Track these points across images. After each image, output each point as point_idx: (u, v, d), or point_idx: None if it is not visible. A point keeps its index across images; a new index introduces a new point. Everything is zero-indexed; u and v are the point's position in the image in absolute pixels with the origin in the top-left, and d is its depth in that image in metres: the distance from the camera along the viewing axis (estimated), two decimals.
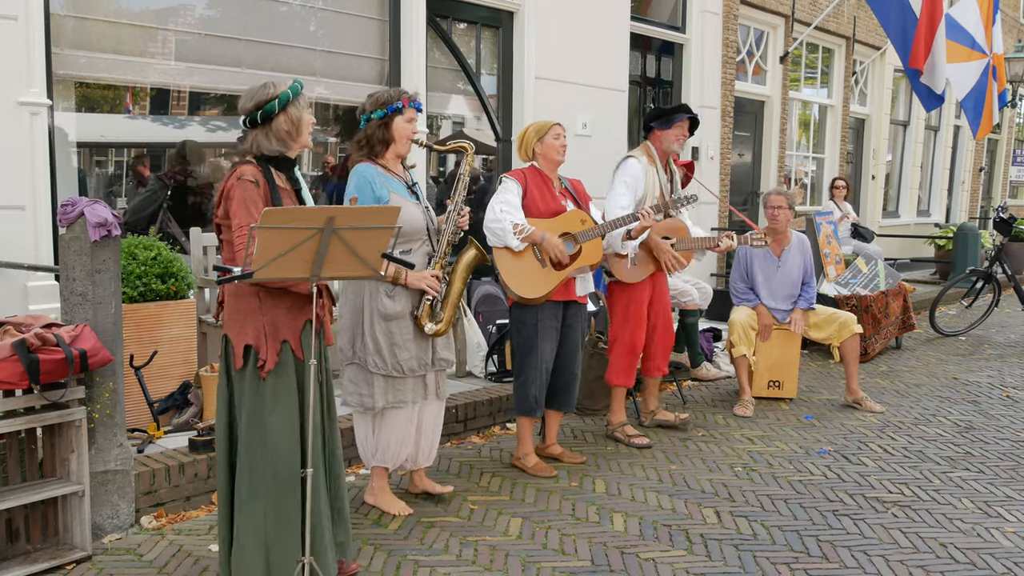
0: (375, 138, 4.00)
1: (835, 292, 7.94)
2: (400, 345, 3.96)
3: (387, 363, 3.95)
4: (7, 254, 4.67)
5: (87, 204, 3.70)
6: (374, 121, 3.99)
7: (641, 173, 5.25)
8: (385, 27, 6.76)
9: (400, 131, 4.00)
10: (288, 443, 3.16)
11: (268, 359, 3.14)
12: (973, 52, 10.83)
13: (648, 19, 9.30)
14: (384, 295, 3.94)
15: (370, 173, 3.95)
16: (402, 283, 3.93)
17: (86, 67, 5.30)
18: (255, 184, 3.14)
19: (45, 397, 3.49)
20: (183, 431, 4.60)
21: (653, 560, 3.78)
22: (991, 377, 7.52)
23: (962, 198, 17.49)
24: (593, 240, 4.73)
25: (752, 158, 11.49)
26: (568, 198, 4.83)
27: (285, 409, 3.16)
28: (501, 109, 7.68)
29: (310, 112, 3.30)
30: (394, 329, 3.95)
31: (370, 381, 4.00)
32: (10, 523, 3.58)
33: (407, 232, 3.92)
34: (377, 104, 3.99)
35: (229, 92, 6.06)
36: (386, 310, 3.93)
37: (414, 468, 4.33)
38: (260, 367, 3.14)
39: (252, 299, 3.17)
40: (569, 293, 4.74)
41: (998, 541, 4.05)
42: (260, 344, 3.15)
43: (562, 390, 4.88)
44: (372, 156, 4.03)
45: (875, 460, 5.17)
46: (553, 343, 4.72)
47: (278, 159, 3.25)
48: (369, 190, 3.91)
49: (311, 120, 3.30)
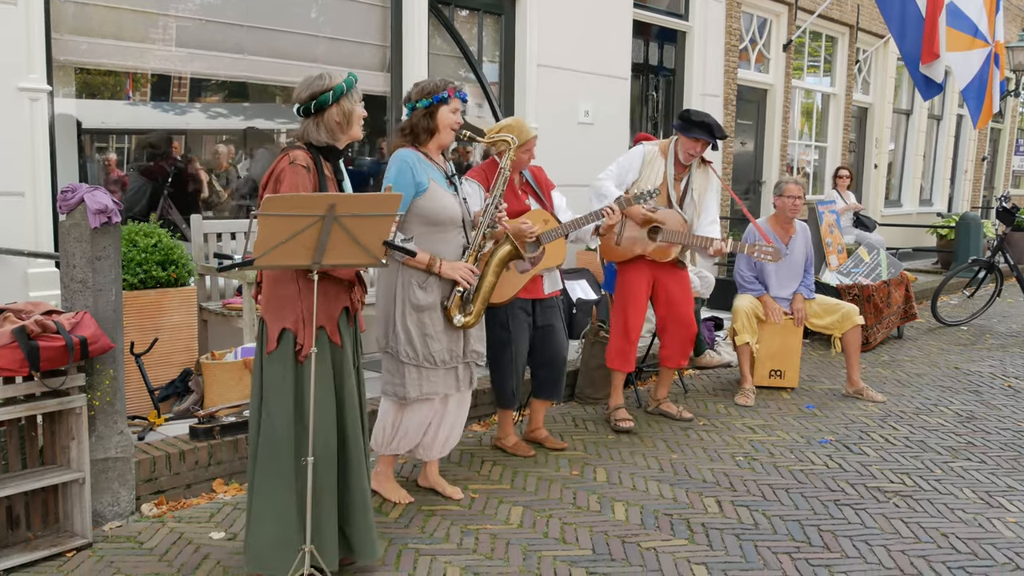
0: (420, 127, 3.98)
1: (837, 281, 7.93)
2: (432, 336, 3.96)
3: (418, 354, 3.95)
4: (7, 241, 4.66)
5: (87, 191, 3.68)
6: (419, 110, 3.97)
7: (639, 157, 5.29)
8: (387, 14, 6.73)
9: (444, 121, 3.98)
10: (326, 423, 3.25)
11: (306, 344, 3.18)
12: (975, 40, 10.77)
13: (651, 6, 9.25)
14: (416, 286, 3.93)
15: (412, 158, 3.95)
16: (436, 272, 3.93)
17: (86, 53, 5.28)
18: (307, 169, 3.17)
19: (45, 384, 3.48)
20: (184, 418, 4.59)
21: (654, 549, 3.78)
22: (993, 367, 7.51)
23: (965, 187, 17.45)
24: (556, 240, 4.69)
25: (755, 147, 11.46)
26: (530, 193, 4.78)
27: (324, 392, 3.24)
28: (503, 96, 7.65)
29: (362, 105, 3.34)
30: (426, 320, 3.95)
31: (401, 371, 3.99)
32: (10, 510, 3.58)
33: (442, 221, 3.96)
34: (423, 94, 3.97)
35: (230, 78, 6.04)
36: (418, 301, 3.93)
37: (427, 459, 4.32)
38: (297, 351, 3.20)
39: (292, 285, 3.22)
40: (537, 291, 4.73)
41: (999, 531, 4.05)
42: (299, 329, 3.19)
43: (548, 383, 4.94)
44: (416, 144, 4.02)
45: (876, 450, 5.16)
46: (525, 336, 4.73)
47: (327, 149, 3.28)
48: (410, 175, 3.90)
49: (363, 113, 3.34)
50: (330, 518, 3.29)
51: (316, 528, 3.24)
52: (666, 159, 5.33)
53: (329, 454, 3.27)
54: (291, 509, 3.23)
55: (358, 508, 3.36)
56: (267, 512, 3.24)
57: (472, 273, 4.02)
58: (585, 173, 6.73)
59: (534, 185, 4.82)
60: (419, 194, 3.90)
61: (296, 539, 3.21)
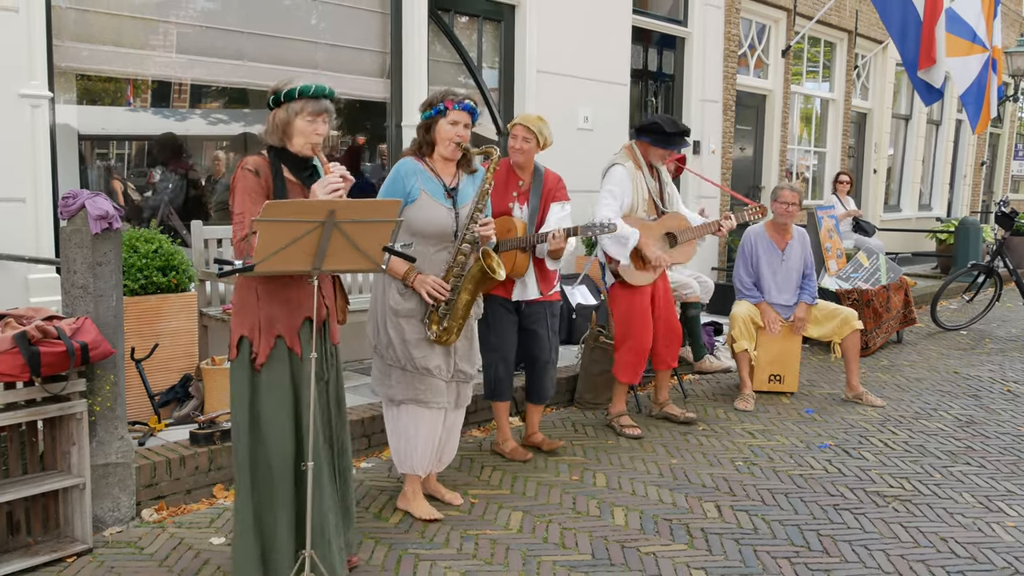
0: (421, 140, 4.00)
1: (836, 286, 7.94)
2: (412, 343, 3.93)
3: (400, 358, 3.94)
4: (8, 247, 4.67)
5: (88, 196, 3.69)
6: (422, 123, 3.98)
7: (627, 179, 5.27)
8: (387, 20, 6.75)
9: (443, 134, 3.91)
10: (279, 434, 3.18)
11: (260, 352, 3.17)
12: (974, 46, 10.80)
13: (650, 12, 9.27)
14: (395, 290, 3.93)
15: (406, 167, 3.95)
16: (409, 284, 3.89)
17: (87, 59, 5.29)
18: (255, 174, 3.15)
19: (46, 390, 3.49)
20: (184, 424, 4.59)
21: (654, 554, 3.79)
22: (992, 371, 7.52)
23: (964, 192, 17.46)
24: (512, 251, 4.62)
25: (754, 152, 11.47)
26: (523, 199, 4.76)
27: (277, 402, 3.18)
28: (503, 102, 7.66)
29: (309, 121, 3.17)
30: (404, 325, 3.93)
31: (388, 372, 4.01)
32: (11, 516, 3.58)
33: (428, 233, 3.92)
34: (424, 106, 3.99)
35: (230, 85, 6.05)
36: (396, 305, 3.92)
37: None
38: (253, 359, 3.17)
39: (251, 293, 3.20)
40: (508, 293, 4.73)
41: (999, 535, 4.05)
42: (254, 337, 3.18)
43: (536, 384, 4.99)
44: (420, 155, 4.02)
45: (876, 454, 5.17)
46: (507, 331, 4.78)
47: (283, 152, 3.24)
48: (400, 184, 3.91)
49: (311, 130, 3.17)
50: (288, 533, 3.21)
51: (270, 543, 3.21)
52: (642, 171, 5.36)
53: (285, 466, 3.20)
54: (248, 518, 3.21)
55: (316, 527, 3.21)
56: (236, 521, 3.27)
57: (441, 289, 3.87)
58: (584, 179, 6.77)
59: (538, 192, 4.78)
60: (408, 204, 3.89)
61: (254, 550, 3.19)
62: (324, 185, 3.09)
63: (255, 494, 3.21)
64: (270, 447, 3.18)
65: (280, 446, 3.19)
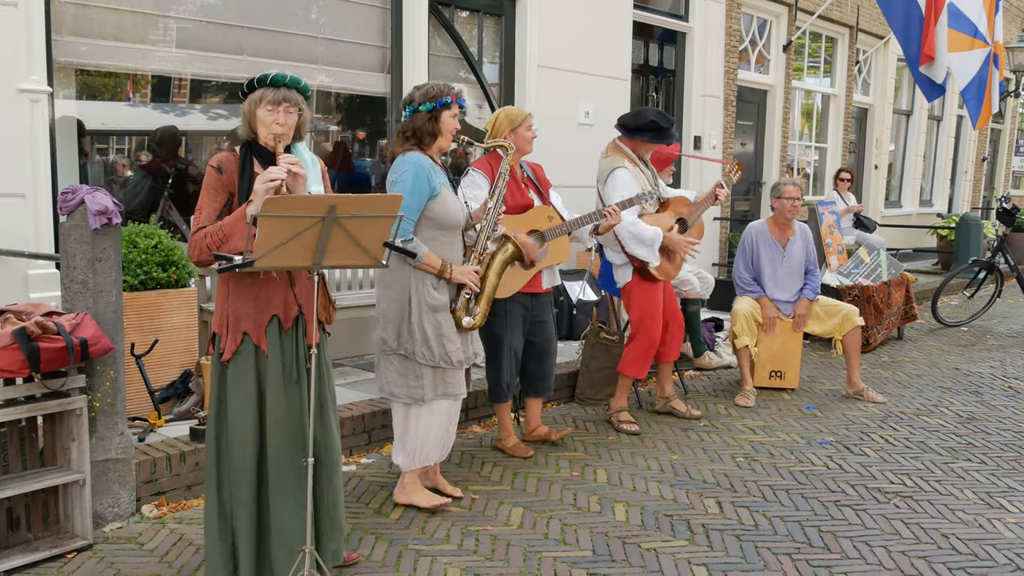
0: (424, 130, 3.98)
1: (837, 282, 7.93)
2: (447, 336, 3.97)
3: (435, 354, 3.94)
4: (7, 242, 4.66)
5: (88, 192, 3.68)
6: (423, 114, 3.97)
7: (632, 180, 5.26)
8: (387, 15, 6.73)
9: (447, 125, 4.00)
10: (241, 432, 3.14)
11: (226, 348, 3.15)
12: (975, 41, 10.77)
13: (651, 7, 9.25)
14: (431, 286, 3.94)
15: (425, 162, 3.96)
16: (447, 277, 3.95)
17: (87, 54, 5.28)
18: (217, 170, 3.12)
19: (46, 385, 3.48)
20: (184, 420, 4.59)
21: (654, 550, 3.78)
22: (993, 368, 7.51)
23: (965, 188, 17.44)
24: (560, 237, 4.75)
25: (755, 147, 11.46)
26: (531, 187, 4.83)
27: (242, 399, 3.15)
28: (503, 97, 7.64)
29: (269, 111, 3.08)
30: (441, 320, 3.96)
31: (419, 373, 3.97)
32: (11, 512, 3.58)
33: (451, 225, 4.01)
34: (427, 97, 3.97)
35: (230, 80, 6.04)
36: (434, 301, 3.94)
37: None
38: (221, 355, 3.17)
39: (223, 288, 3.20)
40: (536, 286, 4.77)
41: (1000, 532, 4.05)
42: (222, 333, 3.18)
43: (539, 378, 5.00)
44: (420, 147, 4.02)
45: (877, 451, 5.16)
46: (521, 332, 4.78)
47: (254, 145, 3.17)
48: (425, 179, 3.90)
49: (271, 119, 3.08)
50: (247, 533, 3.17)
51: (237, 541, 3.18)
52: (638, 167, 5.37)
53: (245, 466, 3.14)
54: (213, 515, 3.19)
55: (274, 533, 3.18)
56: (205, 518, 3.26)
57: (478, 276, 4.06)
58: (585, 174, 6.74)
59: (534, 180, 4.86)
60: (432, 198, 3.91)
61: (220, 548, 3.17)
62: (263, 180, 2.96)
63: (220, 491, 3.19)
64: (233, 445, 3.15)
65: (241, 444, 3.14)
